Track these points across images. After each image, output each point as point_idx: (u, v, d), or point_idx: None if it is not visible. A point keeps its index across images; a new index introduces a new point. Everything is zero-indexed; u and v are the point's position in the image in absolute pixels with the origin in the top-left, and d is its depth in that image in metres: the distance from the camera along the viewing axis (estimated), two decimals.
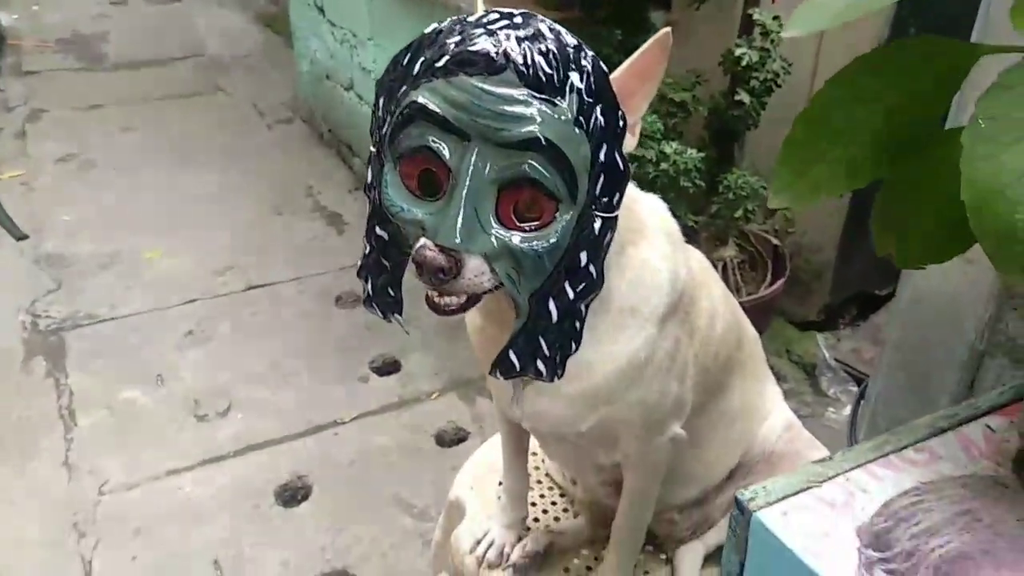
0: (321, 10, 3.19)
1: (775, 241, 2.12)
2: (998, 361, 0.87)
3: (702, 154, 1.85)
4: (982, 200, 0.49)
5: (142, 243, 2.76)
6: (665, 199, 1.94)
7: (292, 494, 1.89)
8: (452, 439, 2.04)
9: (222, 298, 2.52)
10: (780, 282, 2.04)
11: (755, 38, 1.90)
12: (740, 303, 1.21)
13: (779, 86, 1.91)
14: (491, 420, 2.05)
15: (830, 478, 0.59)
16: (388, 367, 2.25)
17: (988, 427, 0.65)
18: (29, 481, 1.88)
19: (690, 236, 2.13)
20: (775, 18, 1.88)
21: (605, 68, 0.62)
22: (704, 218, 2.00)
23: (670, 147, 1.83)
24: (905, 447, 0.62)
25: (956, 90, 0.59)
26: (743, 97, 1.90)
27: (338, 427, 2.06)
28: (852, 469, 0.60)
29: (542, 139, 0.58)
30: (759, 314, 2.04)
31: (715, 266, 2.04)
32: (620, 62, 0.64)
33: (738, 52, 1.87)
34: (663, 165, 1.82)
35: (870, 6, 0.57)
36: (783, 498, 0.57)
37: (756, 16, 1.88)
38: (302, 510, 1.84)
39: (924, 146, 0.60)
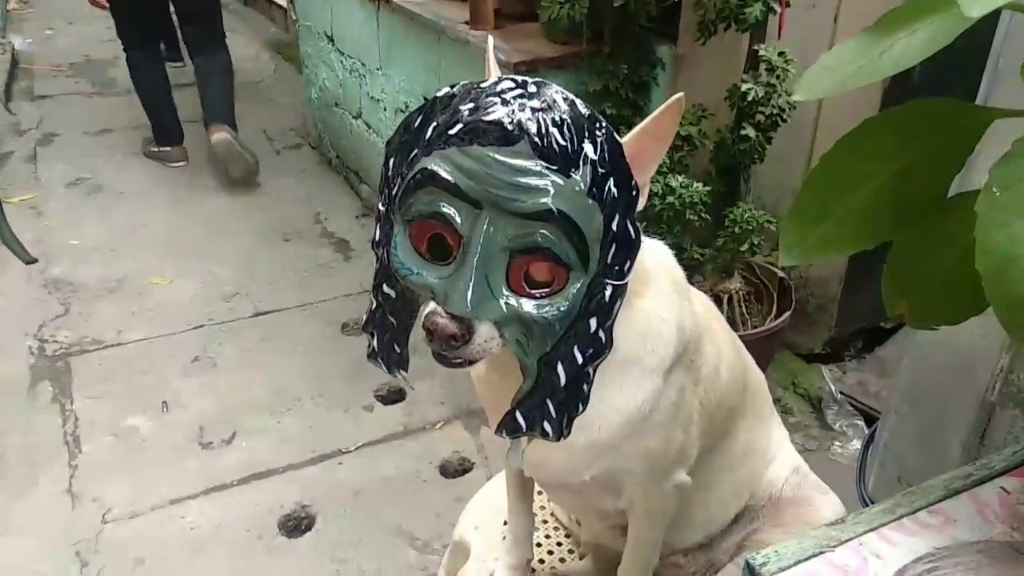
0: (331, 39, 3.23)
1: (781, 273, 2.12)
2: (1009, 412, 0.87)
3: (708, 188, 1.86)
4: (998, 270, 0.48)
5: (150, 268, 2.78)
6: (671, 232, 1.95)
7: (296, 524, 1.88)
8: (457, 470, 2.03)
9: (229, 324, 2.53)
10: (786, 315, 2.03)
11: (760, 73, 1.91)
12: (745, 336, 1.21)
13: (784, 121, 1.92)
14: (496, 451, 2.04)
15: (843, 542, 0.58)
16: (393, 396, 2.25)
17: (1003, 489, 0.64)
18: (32, 508, 1.87)
19: (696, 269, 2.14)
20: (780, 54, 1.89)
21: (618, 138, 0.63)
22: (710, 251, 2.01)
23: (676, 180, 1.85)
24: (919, 510, 0.61)
25: (968, 154, 0.59)
26: (749, 132, 1.91)
27: (343, 456, 2.05)
28: (865, 533, 0.59)
29: (555, 211, 0.58)
30: (764, 347, 2.03)
31: (720, 298, 2.04)
32: (626, 96, 0.65)
33: (744, 87, 1.88)
34: (669, 198, 1.83)
35: (878, 74, 0.57)
36: (795, 563, 0.57)
37: (762, 52, 1.89)
38: (305, 541, 1.83)
39: (935, 209, 0.60)
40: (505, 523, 1.09)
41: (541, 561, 1.12)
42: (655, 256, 0.84)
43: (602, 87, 1.99)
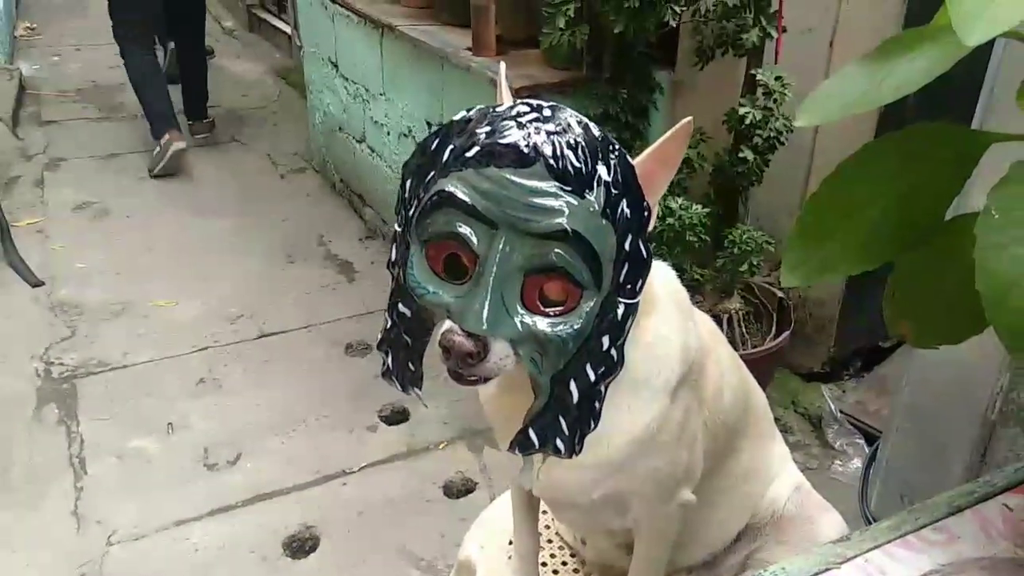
0: (335, 65, 3.28)
1: (780, 293, 2.14)
2: (1011, 430, 0.88)
3: (707, 209, 1.89)
4: (998, 291, 0.50)
5: (155, 291, 2.80)
6: (671, 253, 1.98)
7: (300, 545, 1.88)
8: (460, 490, 2.04)
9: (233, 346, 2.54)
10: (785, 334, 2.05)
11: (758, 97, 1.94)
12: (745, 355, 1.22)
13: (782, 143, 1.95)
14: (499, 471, 2.04)
15: (849, 559, 0.59)
16: (397, 416, 2.26)
17: (1006, 506, 0.65)
18: (38, 530, 1.88)
19: (696, 289, 2.17)
20: (778, 78, 1.93)
21: (631, 160, 0.64)
22: (710, 271, 2.03)
23: (676, 202, 1.87)
24: (923, 527, 0.62)
25: (967, 177, 0.59)
26: (747, 154, 1.94)
27: (347, 476, 2.06)
28: (871, 550, 0.60)
29: (570, 231, 0.60)
30: (764, 366, 2.05)
31: (720, 319, 2.06)
32: (626, 120, 0.67)
33: (742, 111, 1.92)
34: (669, 220, 1.85)
35: (879, 100, 0.59)
36: None
37: (759, 76, 1.93)
38: (309, 562, 1.83)
39: (935, 231, 0.61)
40: (510, 542, 1.10)
41: None
42: (660, 278, 0.85)
43: (602, 112, 2.02)
